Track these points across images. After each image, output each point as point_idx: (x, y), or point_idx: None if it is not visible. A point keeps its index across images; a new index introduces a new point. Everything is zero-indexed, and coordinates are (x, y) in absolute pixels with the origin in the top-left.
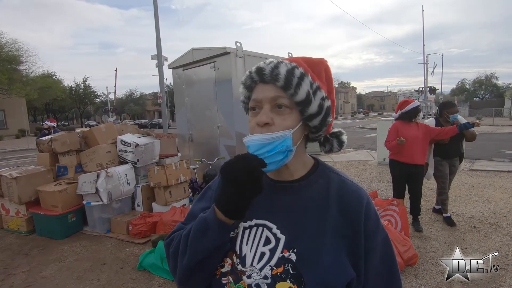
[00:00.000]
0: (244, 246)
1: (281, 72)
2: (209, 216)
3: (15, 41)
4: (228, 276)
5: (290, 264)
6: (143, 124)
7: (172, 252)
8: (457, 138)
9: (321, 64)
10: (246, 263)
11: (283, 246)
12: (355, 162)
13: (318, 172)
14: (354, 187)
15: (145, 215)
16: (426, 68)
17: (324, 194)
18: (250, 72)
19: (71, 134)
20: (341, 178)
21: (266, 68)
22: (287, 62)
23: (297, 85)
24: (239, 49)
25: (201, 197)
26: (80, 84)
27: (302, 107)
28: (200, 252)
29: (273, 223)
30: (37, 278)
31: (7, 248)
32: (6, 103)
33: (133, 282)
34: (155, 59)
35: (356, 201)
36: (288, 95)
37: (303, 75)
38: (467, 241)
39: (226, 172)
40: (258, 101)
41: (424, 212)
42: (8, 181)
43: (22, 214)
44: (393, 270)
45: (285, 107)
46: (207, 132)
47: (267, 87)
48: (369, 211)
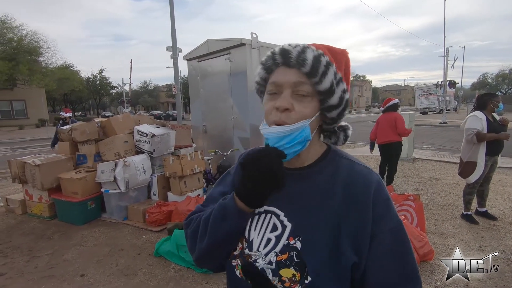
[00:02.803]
0: (252, 232)
1: (308, 58)
2: (229, 204)
3: (35, 32)
4: (237, 259)
5: (295, 251)
6: (157, 115)
7: (191, 233)
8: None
9: (342, 55)
10: (253, 248)
11: (289, 233)
12: (369, 156)
13: (328, 159)
14: (363, 171)
15: (161, 204)
16: (446, 61)
17: (331, 181)
18: (273, 53)
19: (90, 124)
20: (351, 163)
21: (292, 51)
22: (314, 48)
23: (323, 73)
24: (255, 40)
25: (220, 181)
26: (96, 76)
27: (323, 96)
28: (219, 236)
29: (281, 210)
30: (59, 261)
31: (31, 232)
32: (26, 93)
33: (150, 267)
34: (170, 50)
35: (364, 184)
36: (312, 83)
37: (329, 64)
38: (485, 239)
39: (248, 166)
40: (279, 85)
41: (441, 208)
42: (32, 168)
43: (45, 200)
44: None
45: (307, 94)
46: (221, 123)
47: (291, 72)
48: (378, 196)
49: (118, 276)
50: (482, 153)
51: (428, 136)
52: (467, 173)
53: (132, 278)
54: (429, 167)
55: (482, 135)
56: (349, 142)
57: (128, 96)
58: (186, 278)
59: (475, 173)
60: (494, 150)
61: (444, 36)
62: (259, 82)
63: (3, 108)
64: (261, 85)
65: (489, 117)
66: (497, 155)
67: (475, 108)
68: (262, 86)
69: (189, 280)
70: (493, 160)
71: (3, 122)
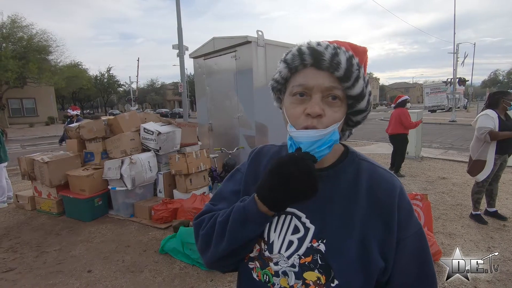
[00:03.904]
0: (272, 233)
1: (341, 61)
2: (250, 207)
3: (44, 31)
4: (255, 261)
5: (319, 254)
6: (164, 113)
7: (203, 235)
8: None
9: (364, 54)
10: (273, 250)
11: (312, 235)
12: (376, 155)
13: (347, 160)
14: (386, 176)
15: (167, 202)
16: (456, 58)
17: (354, 183)
18: (302, 52)
19: (97, 122)
20: (372, 166)
21: (325, 53)
22: (344, 50)
23: (356, 78)
24: (261, 38)
25: (230, 179)
26: (104, 74)
27: (353, 101)
28: (239, 241)
29: (302, 212)
30: (67, 257)
31: (40, 228)
32: (36, 91)
33: (156, 264)
34: (176, 48)
35: (388, 190)
36: (344, 87)
37: (360, 67)
38: (495, 239)
39: (283, 172)
40: (308, 88)
41: (450, 208)
42: (40, 165)
43: (53, 196)
44: (426, 269)
45: (338, 99)
46: (227, 121)
47: (322, 74)
48: (402, 201)
49: (124, 272)
50: (491, 151)
51: (437, 134)
52: (476, 171)
53: (138, 274)
54: (437, 166)
55: (495, 134)
56: (355, 140)
57: (135, 94)
58: (191, 275)
59: (484, 172)
60: (504, 149)
61: (454, 33)
62: (279, 81)
63: (13, 106)
64: (280, 84)
65: (501, 115)
66: (507, 154)
67: (486, 106)
68: (282, 85)
69: (194, 277)
70: (502, 158)
71: (14, 120)
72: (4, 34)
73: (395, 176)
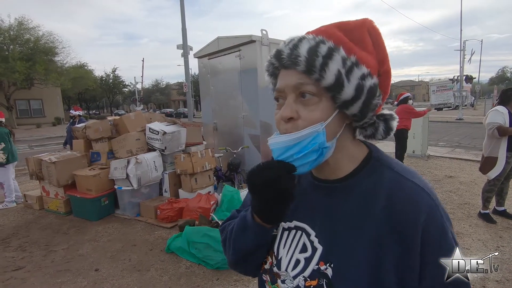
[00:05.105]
0: (281, 249)
1: (301, 53)
2: (248, 217)
3: (50, 33)
4: (267, 274)
5: (325, 279)
6: (168, 113)
7: (222, 241)
8: None
9: (362, 27)
10: (281, 266)
11: (319, 257)
12: None
13: (367, 169)
14: (412, 189)
15: (172, 201)
16: (462, 55)
17: (369, 200)
18: (271, 56)
19: (103, 122)
20: (397, 177)
21: (284, 50)
22: (311, 37)
23: (322, 66)
24: (265, 37)
25: None
26: (109, 74)
27: (333, 93)
28: (242, 248)
29: (313, 229)
30: (75, 256)
31: (48, 227)
32: (43, 92)
33: (162, 263)
34: (181, 48)
35: (411, 207)
36: (313, 80)
37: (331, 50)
38: (504, 238)
39: (250, 184)
40: (281, 91)
41: (457, 207)
42: (48, 165)
43: (61, 196)
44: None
45: (310, 95)
46: (231, 121)
47: (289, 73)
48: (431, 221)
49: (131, 271)
50: (503, 148)
51: (443, 132)
52: (487, 168)
53: (144, 273)
54: (444, 165)
55: (504, 129)
56: None
57: (140, 94)
58: (197, 274)
59: (496, 169)
60: None
61: (461, 30)
62: (272, 89)
63: (21, 107)
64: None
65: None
66: None
67: (498, 103)
68: None
69: (200, 276)
70: None
71: (22, 121)
72: (11, 36)
73: (426, 190)
